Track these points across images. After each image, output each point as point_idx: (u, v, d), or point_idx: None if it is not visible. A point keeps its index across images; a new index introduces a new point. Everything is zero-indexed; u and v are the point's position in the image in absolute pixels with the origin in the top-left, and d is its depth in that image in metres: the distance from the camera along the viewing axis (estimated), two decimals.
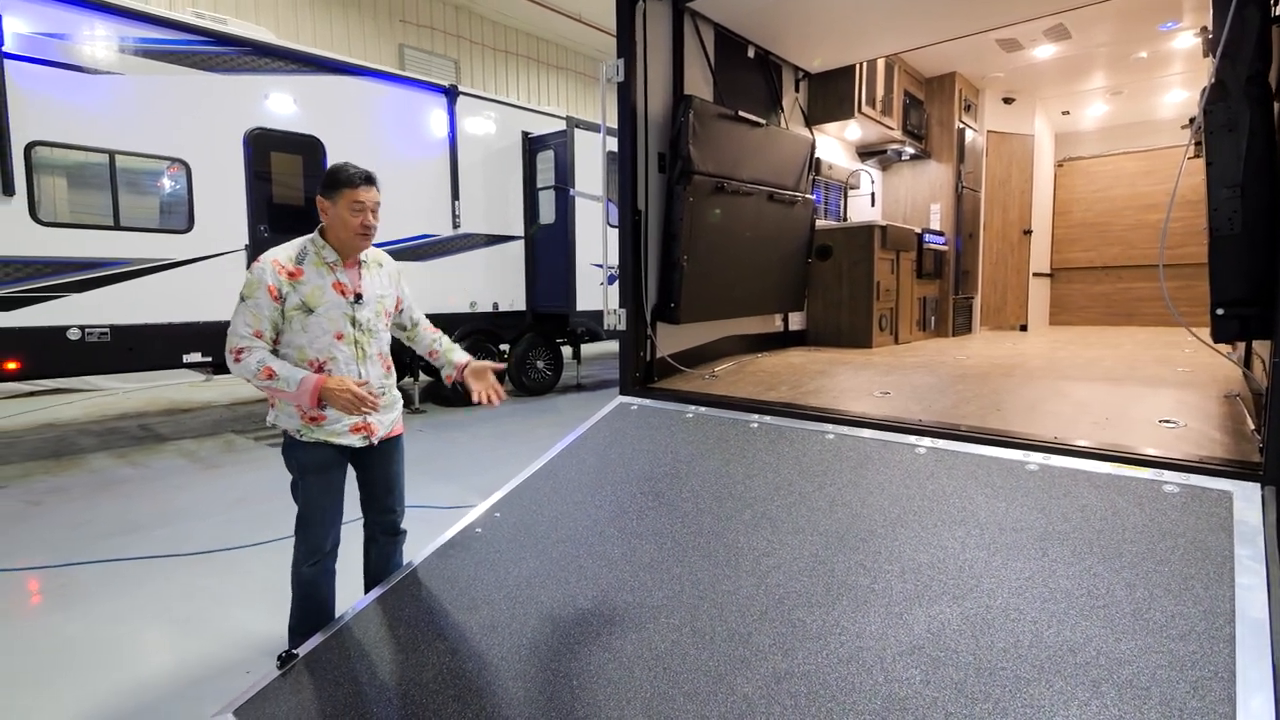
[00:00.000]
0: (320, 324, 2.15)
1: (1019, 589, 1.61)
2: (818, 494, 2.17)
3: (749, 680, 1.59)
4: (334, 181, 2.16)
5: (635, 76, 3.20)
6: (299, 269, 2.14)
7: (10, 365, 4.99)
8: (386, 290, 2.35)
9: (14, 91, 4.90)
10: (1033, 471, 2.00)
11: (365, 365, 2.25)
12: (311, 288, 2.14)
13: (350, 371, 2.20)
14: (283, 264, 2.12)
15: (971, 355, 4.26)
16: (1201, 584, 1.50)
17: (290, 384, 2.06)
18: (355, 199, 2.15)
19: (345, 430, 2.23)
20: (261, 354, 2.07)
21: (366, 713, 1.83)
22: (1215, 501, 1.71)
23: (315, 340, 2.15)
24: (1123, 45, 4.91)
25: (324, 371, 2.16)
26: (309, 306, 2.13)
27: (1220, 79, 1.91)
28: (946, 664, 1.49)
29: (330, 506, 2.28)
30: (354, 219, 2.16)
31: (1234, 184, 1.89)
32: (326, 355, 2.17)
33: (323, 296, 2.15)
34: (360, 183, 2.16)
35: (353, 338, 2.21)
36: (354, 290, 2.22)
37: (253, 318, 2.08)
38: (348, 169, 2.17)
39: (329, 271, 2.18)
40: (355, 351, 2.22)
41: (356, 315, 2.22)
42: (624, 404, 3.10)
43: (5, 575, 3.35)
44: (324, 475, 2.24)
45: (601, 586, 2.04)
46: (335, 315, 2.17)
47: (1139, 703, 1.30)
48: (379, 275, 2.34)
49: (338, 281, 2.19)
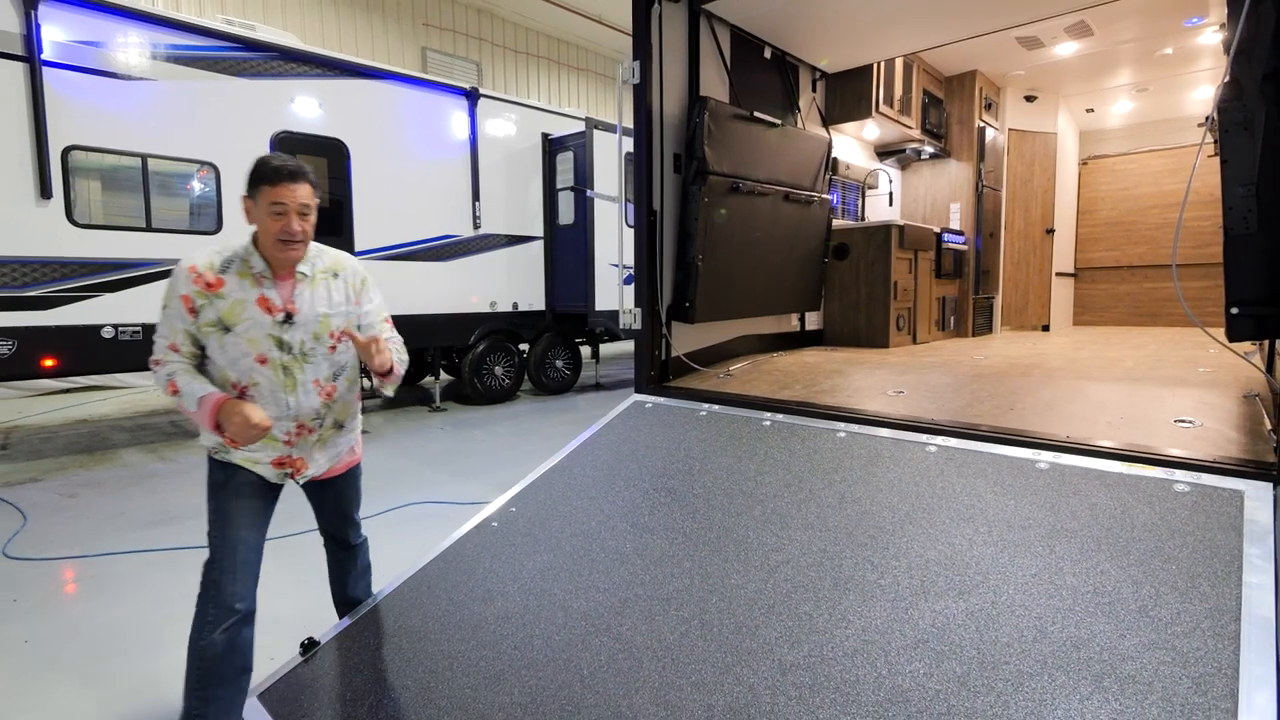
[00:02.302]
0: (239, 345, 1.85)
1: (1025, 585, 1.63)
2: (827, 491, 2.19)
3: (755, 671, 1.62)
4: (253, 176, 1.83)
5: (651, 78, 3.24)
6: (220, 279, 1.83)
7: (48, 362, 5.16)
8: (337, 308, 1.98)
9: (52, 97, 5.08)
10: (1043, 470, 2.00)
11: (296, 394, 1.93)
12: (231, 303, 1.83)
13: (275, 401, 1.91)
14: (201, 272, 1.82)
15: (989, 355, 4.23)
16: (1209, 582, 1.50)
17: (190, 402, 1.80)
18: (275, 198, 1.80)
19: (265, 461, 1.95)
20: (173, 367, 1.84)
21: (385, 698, 1.90)
22: (1226, 501, 1.70)
23: (235, 362, 1.87)
24: (1147, 41, 4.84)
25: (246, 397, 1.89)
26: (225, 324, 1.83)
27: (1235, 77, 1.90)
28: (950, 657, 1.51)
29: (245, 549, 1.88)
30: (273, 223, 1.82)
31: (1249, 182, 1.88)
32: (248, 380, 1.88)
33: (242, 313, 1.84)
34: (282, 178, 1.80)
35: (279, 363, 1.90)
36: (283, 308, 1.89)
37: (168, 329, 1.84)
38: (270, 161, 1.82)
39: (254, 285, 1.86)
40: (282, 379, 1.91)
41: (284, 337, 1.89)
42: (639, 402, 3.14)
43: (46, 564, 3.49)
44: (241, 503, 1.91)
45: (613, 580, 2.08)
46: (257, 336, 1.86)
47: (1141, 698, 1.31)
48: (328, 290, 1.97)
49: (263, 297, 1.86)
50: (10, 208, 4.94)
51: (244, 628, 1.88)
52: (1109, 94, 6.09)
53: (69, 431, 6.84)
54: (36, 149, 5.01)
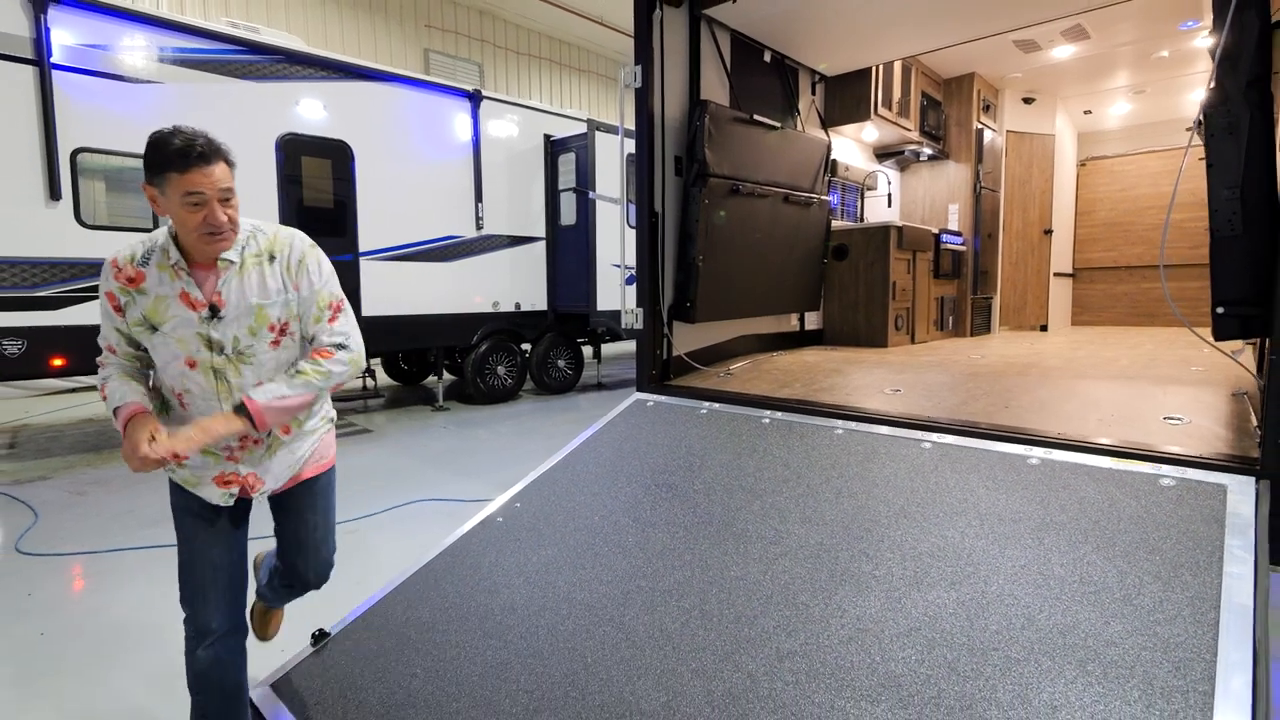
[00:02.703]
0: (167, 346, 1.62)
1: (1014, 575, 1.68)
2: (825, 486, 2.25)
3: (754, 659, 1.68)
4: (153, 160, 1.50)
5: (652, 82, 3.29)
6: (140, 272, 1.59)
7: (57, 362, 5.23)
8: (273, 296, 1.68)
9: (61, 100, 5.14)
10: (1034, 465, 2.06)
11: (231, 401, 1.67)
12: (153, 299, 1.59)
13: (208, 409, 1.67)
14: (121, 266, 1.59)
15: (986, 355, 4.29)
16: (1191, 571, 1.55)
17: (112, 411, 1.61)
18: (189, 187, 1.50)
19: (208, 480, 1.72)
20: (109, 369, 1.66)
21: (395, 687, 1.95)
22: (1210, 494, 1.76)
23: (165, 368, 1.66)
24: (1144, 44, 4.89)
25: (183, 407, 1.70)
26: (151, 323, 1.60)
27: (1220, 83, 1.96)
28: (941, 645, 1.56)
29: (212, 571, 1.73)
30: (191, 216, 1.52)
31: (1234, 186, 1.93)
32: (181, 387, 1.67)
33: (167, 310, 1.60)
34: (193, 162, 1.48)
35: (209, 364, 1.65)
36: (205, 301, 1.62)
37: (105, 328, 1.66)
38: (172, 141, 1.47)
39: (173, 277, 1.60)
40: (214, 384, 1.66)
41: (213, 335, 1.63)
42: (640, 400, 3.19)
43: (58, 559, 3.55)
44: (199, 522, 1.74)
45: (616, 572, 2.14)
46: (185, 335, 1.61)
47: (1122, 681, 1.36)
48: (264, 274, 1.68)
49: (184, 291, 1.60)
50: (20, 209, 5.01)
51: (228, 642, 1.76)
52: (1106, 96, 6.15)
53: (75, 431, 6.91)
54: (46, 151, 5.08)
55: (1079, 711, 1.34)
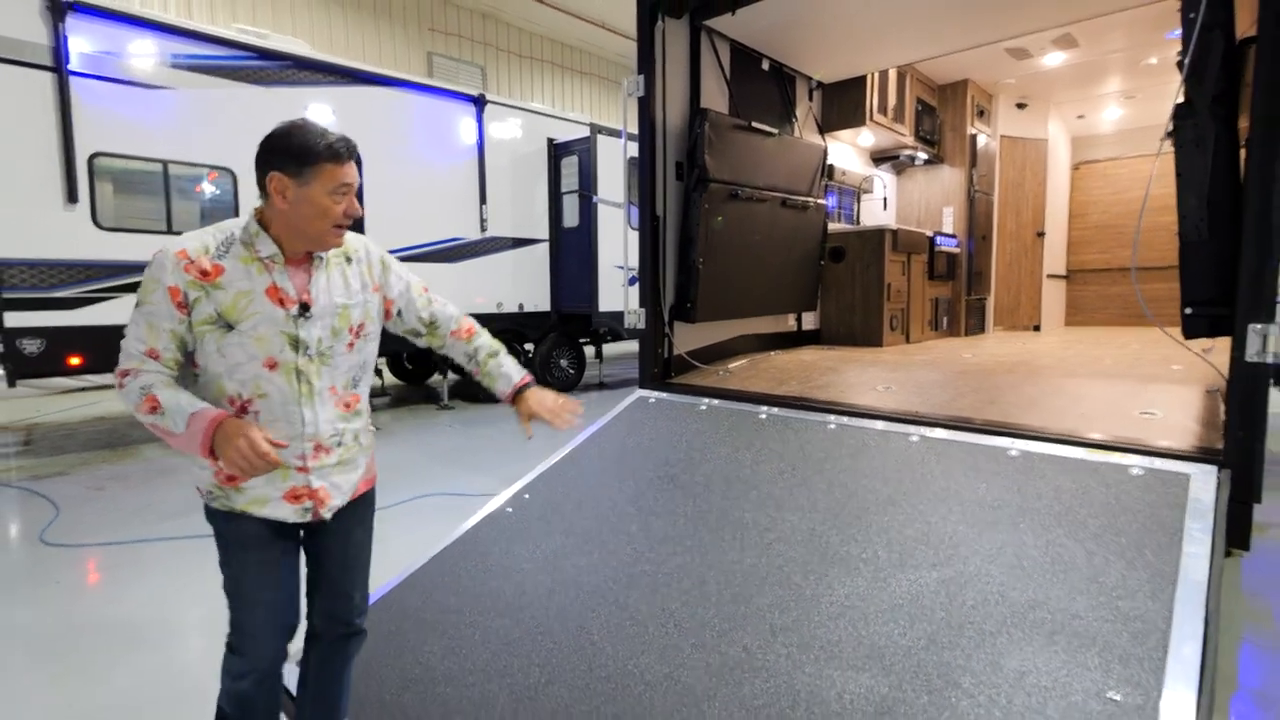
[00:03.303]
0: (244, 346, 1.48)
1: (991, 557, 1.81)
2: (817, 477, 2.38)
3: (749, 634, 1.81)
4: (305, 153, 1.47)
5: (655, 91, 3.42)
6: (218, 265, 1.47)
7: (74, 360, 5.37)
8: (355, 296, 1.65)
9: (78, 106, 5.28)
10: (1014, 457, 2.19)
11: (312, 406, 1.57)
12: (234, 294, 1.47)
13: (286, 417, 1.54)
14: (193, 257, 1.45)
15: (978, 354, 4.42)
16: (1152, 551, 1.68)
17: (177, 423, 1.39)
18: (345, 179, 1.51)
19: (277, 497, 1.56)
20: (150, 377, 1.42)
21: (412, 663, 2.08)
22: (1174, 482, 1.89)
23: (237, 369, 1.49)
24: (1133, 51, 5.03)
25: (246, 414, 1.51)
26: (228, 321, 1.47)
27: (1188, 98, 2.09)
28: (922, 620, 1.70)
29: (271, 609, 1.60)
30: (336, 205, 1.51)
31: (1201, 195, 2.06)
32: (253, 391, 1.51)
33: (249, 307, 1.48)
34: (345, 157, 1.52)
35: (292, 366, 1.53)
36: (298, 298, 1.54)
37: (147, 330, 1.43)
38: (326, 135, 1.49)
39: (263, 271, 1.50)
40: (296, 387, 1.54)
41: (300, 334, 1.53)
42: (643, 397, 3.33)
43: (82, 550, 3.69)
44: (259, 553, 1.59)
45: (621, 558, 2.27)
46: (267, 334, 1.50)
47: (1085, 649, 1.49)
48: (345, 275, 1.65)
49: (274, 286, 1.51)
50: (40, 212, 5.15)
51: (278, 670, 1.65)
52: (1099, 101, 6.28)
53: (88, 428, 7.04)
54: (64, 156, 5.22)
55: (1044, 677, 1.47)
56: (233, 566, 1.59)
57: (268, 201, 1.51)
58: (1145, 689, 1.38)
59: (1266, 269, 1.84)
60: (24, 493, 4.74)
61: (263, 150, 1.49)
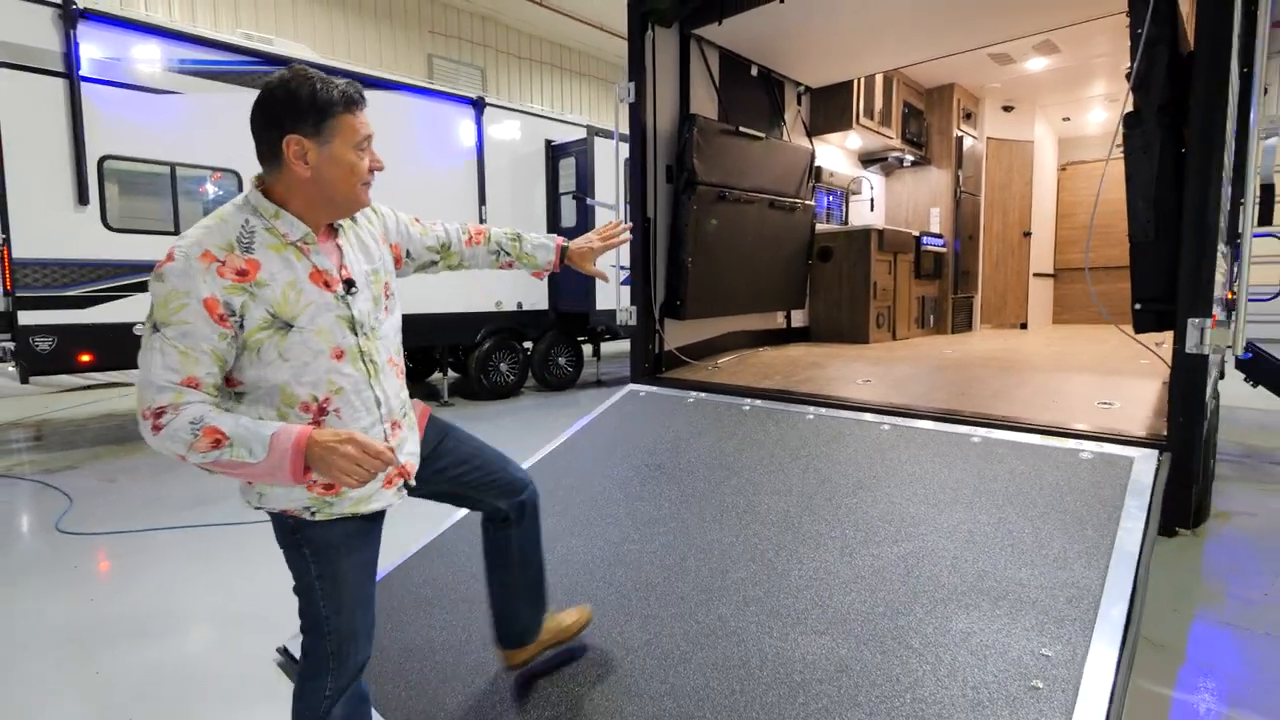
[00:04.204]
0: (307, 343, 1.32)
1: (947, 533, 1.96)
2: (794, 464, 2.53)
3: (725, 603, 1.96)
4: (323, 106, 1.28)
5: (645, 97, 3.58)
6: (251, 260, 1.27)
7: (84, 358, 5.52)
8: (375, 258, 1.51)
9: (89, 110, 5.44)
10: (976, 444, 2.34)
11: (380, 384, 1.45)
12: (281, 288, 1.29)
13: (364, 403, 1.41)
14: (221, 257, 1.24)
15: (958, 350, 4.57)
16: (1093, 526, 1.83)
17: (254, 450, 1.22)
18: (364, 130, 1.35)
19: (378, 488, 1.46)
20: (198, 409, 1.21)
21: (414, 636, 2.23)
22: (1119, 465, 2.04)
23: (305, 370, 1.33)
24: (1114, 57, 5.16)
25: (325, 415, 1.36)
26: (285, 319, 1.30)
27: (1137, 107, 2.24)
28: (882, 590, 1.85)
29: (366, 606, 1.48)
30: (361, 161, 1.36)
31: (1148, 198, 2.21)
32: (328, 388, 1.36)
33: (300, 299, 1.31)
34: (360, 104, 1.35)
35: (356, 350, 1.40)
36: (341, 275, 1.39)
37: (179, 357, 1.21)
38: (334, 82, 1.31)
39: (298, 255, 1.33)
40: (365, 370, 1.41)
41: (354, 314, 1.40)
42: (634, 390, 3.48)
43: (96, 538, 3.84)
44: (358, 554, 1.46)
45: (609, 538, 2.42)
46: (325, 323, 1.35)
47: (1024, 612, 1.65)
48: (360, 238, 1.50)
49: (316, 269, 1.35)
50: (52, 214, 5.31)
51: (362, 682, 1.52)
52: (1084, 104, 6.42)
53: (97, 424, 7.20)
54: (75, 159, 5.37)
55: (987, 636, 1.62)
56: (329, 576, 1.42)
57: (279, 172, 1.30)
58: (1074, 645, 1.53)
59: (1204, 267, 1.99)
60: (37, 485, 4.89)
61: (268, 111, 1.28)
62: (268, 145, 1.29)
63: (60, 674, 2.47)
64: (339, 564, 1.42)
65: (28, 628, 2.81)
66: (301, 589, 1.43)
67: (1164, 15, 2.17)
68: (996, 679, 1.50)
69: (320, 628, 1.42)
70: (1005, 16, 3.63)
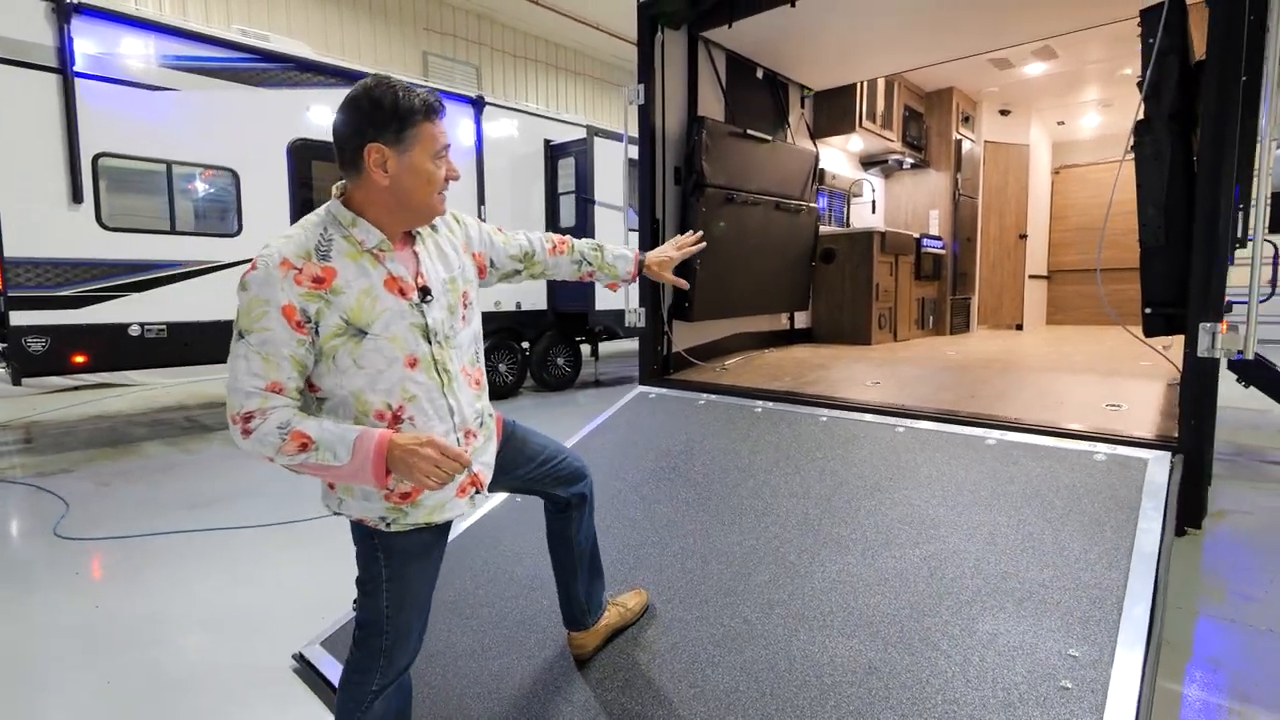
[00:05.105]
0: (381, 350, 1.35)
1: (968, 535, 1.99)
2: (810, 466, 2.55)
3: (749, 607, 1.98)
4: (405, 115, 1.30)
5: (654, 99, 3.59)
6: (328, 267, 1.30)
7: (78, 359, 5.45)
8: (454, 266, 1.52)
9: (83, 107, 5.37)
10: (990, 446, 2.37)
11: (454, 393, 1.46)
12: (357, 295, 1.32)
13: (438, 411, 1.42)
14: (299, 265, 1.27)
15: (960, 351, 4.61)
16: (1111, 528, 1.87)
17: (339, 453, 1.26)
18: (443, 139, 1.38)
19: (451, 497, 1.48)
20: (285, 413, 1.26)
21: (434, 639, 2.23)
22: (1133, 467, 2.07)
23: (379, 377, 1.35)
24: (1109, 63, 5.24)
25: (400, 424, 1.38)
26: (359, 327, 1.32)
27: (1147, 115, 2.27)
28: (905, 592, 1.87)
29: (423, 610, 1.52)
30: (439, 170, 1.38)
31: (1159, 204, 2.25)
32: (402, 396, 1.38)
33: (375, 306, 1.33)
34: (442, 110, 1.38)
35: (430, 359, 1.41)
36: (416, 283, 1.40)
37: (262, 363, 1.26)
38: (415, 91, 1.33)
39: (374, 263, 1.35)
40: (438, 379, 1.43)
41: (429, 322, 1.41)
42: (643, 392, 3.49)
43: (95, 543, 3.80)
44: (425, 560, 1.49)
45: (627, 542, 2.43)
46: (399, 331, 1.36)
47: (1049, 613, 1.67)
48: (439, 246, 1.51)
49: (391, 276, 1.36)
50: (45, 212, 5.23)
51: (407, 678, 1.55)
52: (1078, 108, 6.50)
53: (88, 426, 7.11)
54: (69, 156, 5.30)
55: (1013, 638, 1.64)
56: (398, 579, 1.45)
57: (359, 179, 1.33)
58: (1100, 646, 1.56)
59: (1214, 273, 2.02)
60: (31, 489, 4.83)
61: (353, 119, 1.30)
62: (350, 154, 1.32)
63: (74, 683, 2.44)
64: (409, 568, 1.46)
65: (37, 636, 2.78)
66: (370, 588, 1.47)
67: (1175, 27, 2.21)
68: (1026, 680, 1.53)
69: (379, 624, 1.45)
70: (1011, 22, 3.68)
